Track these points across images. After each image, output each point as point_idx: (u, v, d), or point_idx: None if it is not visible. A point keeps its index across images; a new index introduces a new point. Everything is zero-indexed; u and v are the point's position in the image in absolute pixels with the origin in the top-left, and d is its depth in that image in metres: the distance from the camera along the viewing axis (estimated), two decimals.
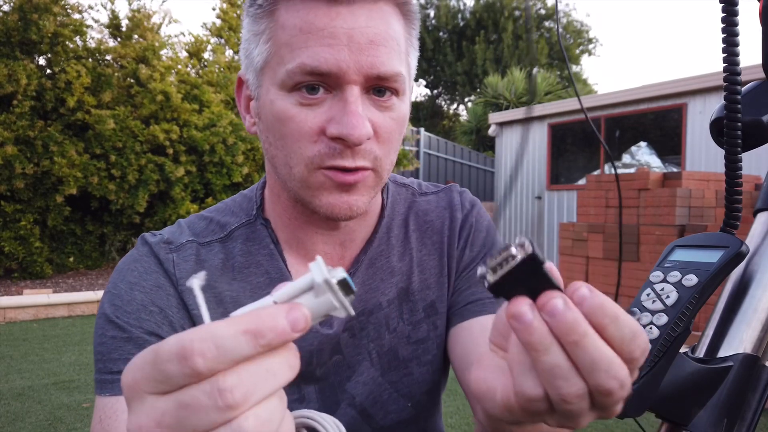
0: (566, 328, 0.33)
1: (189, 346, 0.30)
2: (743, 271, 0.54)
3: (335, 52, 0.61)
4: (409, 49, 0.69)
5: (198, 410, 0.30)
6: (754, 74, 0.73)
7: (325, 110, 0.63)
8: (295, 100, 0.63)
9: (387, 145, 0.67)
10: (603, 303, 0.33)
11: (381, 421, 0.77)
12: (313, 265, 0.33)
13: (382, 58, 0.62)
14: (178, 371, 0.30)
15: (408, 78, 0.68)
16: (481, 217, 0.84)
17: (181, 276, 0.71)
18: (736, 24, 0.50)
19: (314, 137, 0.64)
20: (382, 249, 0.79)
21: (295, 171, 0.66)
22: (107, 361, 0.68)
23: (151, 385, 0.31)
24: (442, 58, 22.11)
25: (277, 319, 0.31)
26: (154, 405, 0.31)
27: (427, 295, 0.80)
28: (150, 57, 7.63)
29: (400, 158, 8.79)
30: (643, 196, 5.11)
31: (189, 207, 7.43)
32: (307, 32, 0.61)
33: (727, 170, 0.53)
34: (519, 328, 0.34)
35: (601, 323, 0.33)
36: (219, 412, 0.30)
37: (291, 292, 0.33)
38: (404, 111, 0.68)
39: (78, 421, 3.12)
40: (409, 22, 0.69)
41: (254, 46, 0.67)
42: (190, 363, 0.29)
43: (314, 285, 0.33)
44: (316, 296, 0.33)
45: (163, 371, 0.30)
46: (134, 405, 0.32)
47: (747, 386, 0.50)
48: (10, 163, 6.61)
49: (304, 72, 0.61)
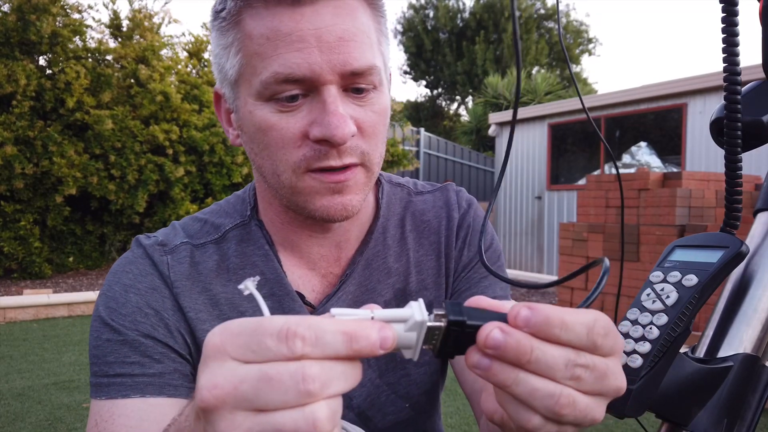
0: (515, 352, 0.34)
1: (294, 328, 0.32)
2: (743, 271, 0.54)
3: (306, 55, 0.60)
4: (381, 38, 0.68)
5: (278, 386, 0.32)
6: (754, 74, 0.73)
7: (305, 114, 0.63)
8: (273, 108, 0.63)
9: (373, 138, 0.66)
10: (547, 316, 0.35)
11: (379, 423, 0.77)
12: (415, 304, 0.36)
13: (355, 53, 0.62)
14: (275, 346, 0.32)
15: (384, 68, 0.68)
16: (479, 217, 0.84)
17: (175, 278, 0.71)
18: (736, 24, 0.50)
19: (298, 142, 0.63)
20: (379, 250, 0.79)
21: (284, 178, 0.65)
22: (103, 364, 0.67)
23: (240, 351, 0.33)
24: (442, 59, 22.11)
25: (372, 332, 0.34)
26: (235, 370, 0.33)
27: (424, 296, 0.80)
28: (150, 57, 7.63)
29: (400, 158, 8.79)
30: (643, 196, 5.11)
31: (189, 207, 7.43)
32: (275, 39, 0.60)
33: (727, 170, 0.53)
34: (484, 375, 0.36)
35: (552, 334, 0.35)
36: (297, 395, 0.32)
37: (388, 315, 0.36)
38: (385, 102, 0.67)
39: (78, 421, 3.12)
40: (376, 11, 0.67)
41: (225, 60, 0.66)
42: (290, 342, 0.32)
43: (410, 320, 0.36)
44: (405, 330, 0.36)
45: (261, 342, 0.32)
46: (212, 365, 0.33)
47: (747, 386, 0.50)
48: (9, 163, 6.61)
49: (278, 81, 0.61)
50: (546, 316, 0.35)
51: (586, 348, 0.36)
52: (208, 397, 0.32)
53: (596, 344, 0.36)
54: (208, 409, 0.33)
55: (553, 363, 0.35)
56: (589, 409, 0.36)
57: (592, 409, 0.36)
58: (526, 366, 0.35)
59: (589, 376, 0.36)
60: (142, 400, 0.65)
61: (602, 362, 0.36)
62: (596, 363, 0.36)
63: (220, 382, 0.32)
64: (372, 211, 0.80)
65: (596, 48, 33.25)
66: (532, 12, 21.64)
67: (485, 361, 0.35)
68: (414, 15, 22.78)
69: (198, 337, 0.71)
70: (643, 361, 0.47)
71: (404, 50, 23.38)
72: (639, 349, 0.48)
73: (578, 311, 0.36)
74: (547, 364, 0.35)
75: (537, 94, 13.83)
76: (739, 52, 0.50)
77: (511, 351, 0.34)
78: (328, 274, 0.77)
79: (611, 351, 0.37)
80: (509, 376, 0.35)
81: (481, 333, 0.35)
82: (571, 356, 0.35)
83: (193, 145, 7.51)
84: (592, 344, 0.36)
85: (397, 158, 8.79)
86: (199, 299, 0.71)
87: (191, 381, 0.71)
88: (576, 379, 0.35)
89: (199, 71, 8.41)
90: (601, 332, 0.36)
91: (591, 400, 0.36)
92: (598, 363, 0.36)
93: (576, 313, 0.36)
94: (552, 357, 0.35)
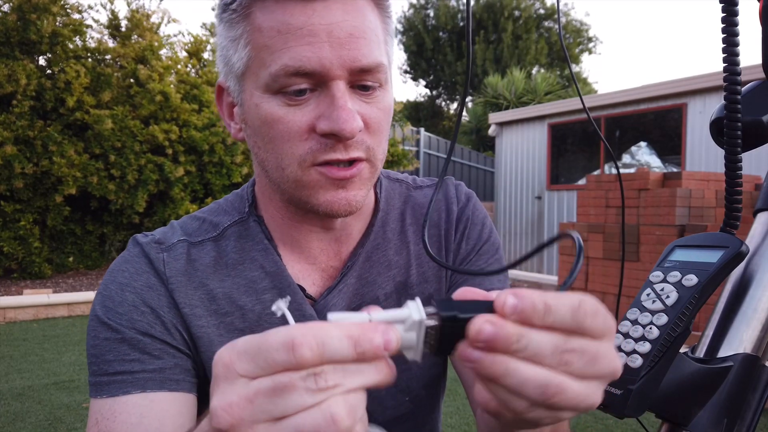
0: (503, 342, 0.34)
1: (299, 339, 0.32)
2: (743, 271, 0.54)
3: (316, 49, 0.60)
4: (387, 38, 0.69)
5: (292, 391, 0.32)
6: (754, 74, 0.73)
7: (312, 108, 0.63)
8: (281, 102, 0.63)
9: (378, 135, 0.67)
10: (533, 302, 0.35)
11: (379, 416, 0.77)
12: (412, 303, 0.37)
13: (363, 50, 0.62)
14: (284, 359, 0.32)
15: (389, 67, 0.69)
16: (477, 210, 0.85)
17: (171, 275, 0.71)
18: (736, 24, 0.50)
19: (304, 135, 0.63)
20: (379, 243, 0.79)
21: (288, 171, 0.65)
22: (102, 363, 0.67)
23: (248, 368, 0.33)
24: (442, 58, 22.11)
25: (375, 334, 0.34)
26: (246, 386, 0.33)
27: (425, 289, 0.80)
28: (149, 57, 7.63)
29: (400, 158, 8.79)
30: (643, 196, 5.11)
31: (188, 207, 7.43)
32: (286, 33, 0.61)
33: (727, 170, 0.53)
34: (475, 368, 0.36)
35: (538, 318, 0.35)
36: (311, 395, 0.32)
37: (386, 317, 0.36)
38: (389, 100, 0.69)
39: (78, 421, 3.12)
40: (383, 11, 0.68)
41: (233, 52, 0.66)
42: (298, 353, 0.32)
43: (408, 319, 0.36)
44: (404, 330, 0.36)
45: (267, 357, 0.33)
46: (223, 386, 0.34)
47: (747, 386, 0.50)
48: (9, 162, 6.61)
49: (288, 74, 0.61)
50: (532, 302, 0.35)
51: (574, 330, 0.35)
52: (225, 417, 0.33)
53: (583, 326, 0.35)
54: (226, 429, 0.33)
55: (541, 349, 0.35)
56: (583, 395, 0.36)
57: (586, 395, 0.36)
58: (514, 354, 0.35)
59: (579, 360, 0.36)
60: (143, 396, 0.65)
61: (593, 345, 0.36)
62: (586, 347, 0.36)
63: (235, 400, 0.33)
64: (372, 205, 0.81)
65: (596, 47, 33.25)
66: (532, 12, 21.65)
67: (475, 353, 0.35)
68: (414, 14, 22.79)
69: (194, 333, 0.71)
70: (643, 361, 0.47)
71: (404, 50, 23.39)
72: (639, 349, 0.48)
73: (563, 294, 0.36)
74: (535, 350, 0.35)
75: (537, 93, 13.83)
76: (739, 52, 0.50)
77: (500, 342, 0.34)
78: (329, 268, 0.77)
79: (602, 333, 0.36)
80: (499, 368, 0.35)
81: (471, 328, 0.35)
82: (559, 342, 0.35)
83: (193, 144, 7.51)
84: (579, 326, 0.35)
85: (397, 158, 8.79)
86: (195, 295, 0.72)
87: (193, 375, 0.71)
88: (566, 364, 0.35)
89: (198, 71, 8.40)
90: (588, 312, 0.35)
91: (584, 385, 0.36)
92: (588, 346, 0.36)
93: (560, 296, 0.35)
94: (539, 343, 0.35)
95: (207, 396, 0.78)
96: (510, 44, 20.80)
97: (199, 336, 0.71)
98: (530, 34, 21.11)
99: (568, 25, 23.16)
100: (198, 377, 0.72)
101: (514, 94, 14.05)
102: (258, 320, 0.73)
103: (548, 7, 21.97)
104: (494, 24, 21.25)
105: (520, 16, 21.51)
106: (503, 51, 20.76)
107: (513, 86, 14.24)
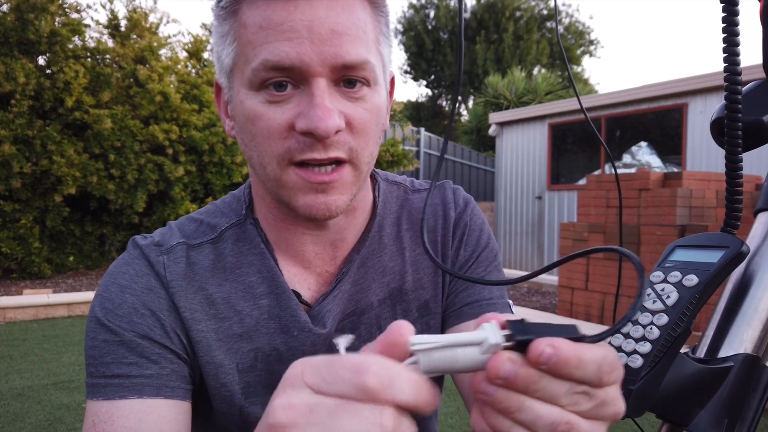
0: (524, 383, 0.34)
1: (369, 367, 0.33)
2: (744, 271, 0.54)
3: (296, 45, 0.60)
4: (379, 37, 0.67)
5: (354, 416, 0.32)
6: (755, 74, 0.73)
7: (293, 106, 0.62)
8: (263, 98, 0.63)
9: (363, 136, 0.65)
10: (567, 356, 0.34)
11: None
12: (488, 326, 0.36)
13: (346, 47, 0.61)
14: (349, 378, 0.33)
15: (379, 66, 0.67)
16: (476, 216, 0.83)
17: (171, 278, 0.71)
18: (737, 24, 0.50)
19: (284, 133, 0.63)
20: (374, 248, 0.78)
21: (269, 169, 0.65)
22: (100, 364, 0.67)
23: (315, 380, 0.34)
24: (442, 59, 22.11)
25: (431, 397, 0.35)
26: (310, 396, 0.34)
27: (420, 295, 0.79)
28: (148, 57, 7.63)
29: (400, 158, 8.79)
30: (643, 196, 5.11)
31: (188, 207, 7.43)
32: (267, 28, 0.61)
33: (727, 170, 0.53)
34: (488, 401, 0.35)
35: (567, 372, 0.35)
36: (371, 425, 0.32)
37: (462, 340, 0.36)
38: (378, 101, 0.67)
39: (78, 421, 3.12)
40: (377, 10, 0.67)
41: (222, 48, 0.66)
42: (362, 377, 0.32)
43: (485, 342, 0.36)
44: (481, 353, 0.36)
45: (334, 373, 0.33)
46: (289, 391, 0.34)
47: (747, 386, 0.50)
48: (8, 162, 6.60)
49: (267, 68, 0.61)
50: (566, 356, 0.34)
51: (595, 384, 0.36)
52: (281, 415, 0.33)
53: (602, 380, 0.36)
54: (279, 426, 0.33)
55: (557, 392, 0.35)
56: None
57: None
58: (532, 394, 0.35)
59: (588, 403, 0.36)
60: (140, 401, 0.65)
61: (603, 392, 0.36)
62: (598, 393, 0.36)
63: (296, 403, 0.33)
64: (369, 209, 0.80)
65: (597, 50, 33.23)
66: (534, 12, 21.64)
67: (491, 388, 0.35)
68: (414, 15, 22.79)
69: (193, 338, 0.70)
70: (643, 362, 0.47)
71: (405, 50, 23.39)
72: (639, 349, 0.48)
73: (591, 348, 0.36)
74: (552, 393, 0.35)
75: (537, 93, 13.82)
76: (739, 52, 0.50)
77: (521, 382, 0.34)
78: (324, 273, 0.76)
79: (614, 383, 0.37)
80: (514, 404, 0.35)
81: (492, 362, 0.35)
82: (575, 385, 0.36)
83: (193, 144, 7.51)
84: (599, 380, 0.36)
85: (397, 158, 8.79)
86: (195, 299, 0.71)
87: (188, 382, 0.70)
88: (576, 405, 0.36)
89: (198, 71, 8.41)
90: (608, 369, 0.36)
91: (590, 425, 0.37)
92: (599, 393, 0.36)
93: (589, 350, 0.35)
94: (557, 385, 0.35)
95: (201, 404, 0.77)
96: (511, 44, 20.81)
97: (198, 340, 0.70)
98: (531, 34, 21.12)
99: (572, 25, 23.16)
100: (193, 383, 0.72)
101: (514, 93, 14.05)
102: (256, 325, 0.73)
103: (550, 8, 21.96)
104: (495, 24, 21.25)
105: (521, 16, 21.52)
106: (504, 51, 20.76)
107: (513, 86, 14.23)
